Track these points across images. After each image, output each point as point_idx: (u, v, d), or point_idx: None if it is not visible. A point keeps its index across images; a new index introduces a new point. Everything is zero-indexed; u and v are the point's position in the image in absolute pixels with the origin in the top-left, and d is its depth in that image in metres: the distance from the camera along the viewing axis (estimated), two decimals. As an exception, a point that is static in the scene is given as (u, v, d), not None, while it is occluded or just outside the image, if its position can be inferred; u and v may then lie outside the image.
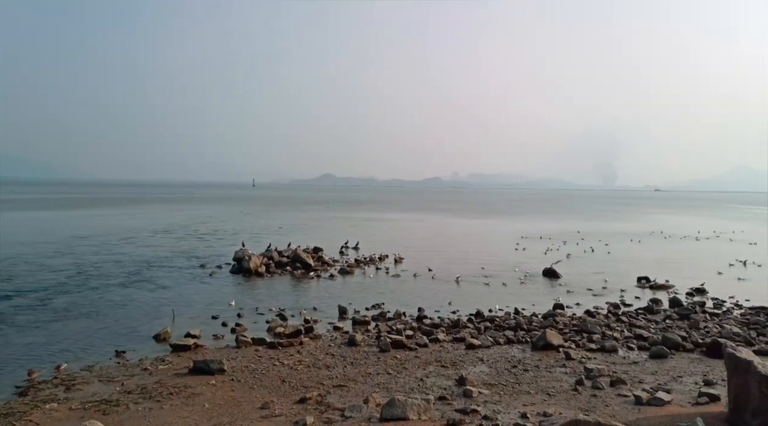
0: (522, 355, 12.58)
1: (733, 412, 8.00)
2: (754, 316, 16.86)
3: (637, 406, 9.13)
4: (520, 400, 9.57)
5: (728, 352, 8.45)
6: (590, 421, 6.99)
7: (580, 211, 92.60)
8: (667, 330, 14.61)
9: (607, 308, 17.83)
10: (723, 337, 13.74)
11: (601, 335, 14.02)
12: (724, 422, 8.00)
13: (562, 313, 16.83)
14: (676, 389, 10.11)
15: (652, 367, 11.65)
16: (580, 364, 11.68)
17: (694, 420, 7.35)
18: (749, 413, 7.66)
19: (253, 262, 24.06)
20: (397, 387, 10.26)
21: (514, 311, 17.11)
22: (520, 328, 14.78)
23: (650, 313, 17.00)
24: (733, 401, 8.02)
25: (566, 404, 9.33)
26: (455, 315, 16.68)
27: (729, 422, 7.95)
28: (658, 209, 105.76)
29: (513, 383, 10.51)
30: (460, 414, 8.72)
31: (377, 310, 17.26)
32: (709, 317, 16.57)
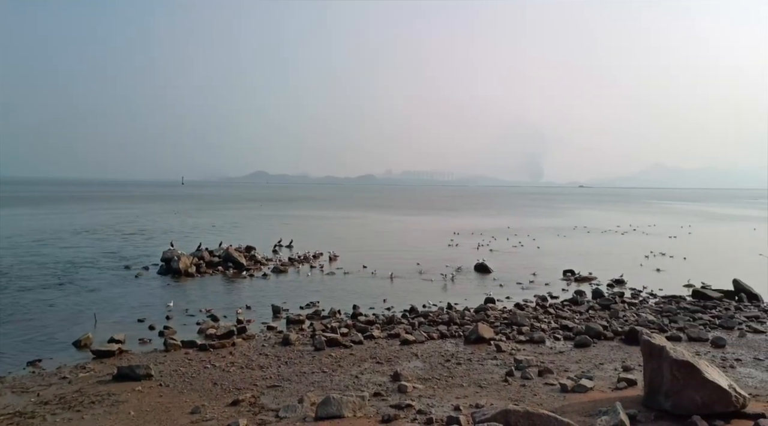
0: (455, 349, 12.85)
1: (648, 395, 8.52)
2: (667, 304, 18.04)
3: (563, 394, 9.54)
4: (454, 393, 9.78)
5: (644, 339, 8.99)
6: (519, 410, 7.23)
7: (509, 207, 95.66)
8: (590, 320, 15.36)
9: (535, 301, 18.51)
10: (639, 325, 14.62)
11: (530, 327, 14.55)
12: (640, 405, 8.50)
13: (494, 306, 17.33)
14: (598, 376, 10.65)
15: (576, 356, 12.21)
16: (510, 356, 12.07)
17: (614, 404, 7.76)
18: (662, 395, 8.17)
19: (183, 262, 23.24)
20: (332, 385, 10.23)
21: (447, 306, 17.45)
22: (453, 323, 15.09)
23: (575, 305, 17.81)
24: (648, 385, 8.54)
25: (497, 395, 9.61)
26: (390, 311, 16.82)
27: (644, 404, 8.46)
28: (581, 205, 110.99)
29: (446, 377, 10.71)
30: (395, 409, 8.80)
31: (312, 308, 17.12)
32: (627, 307, 17.56)
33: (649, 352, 8.65)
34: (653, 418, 7.98)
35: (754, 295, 18.88)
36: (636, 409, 8.27)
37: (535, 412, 7.20)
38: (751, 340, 13.55)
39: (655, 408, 8.23)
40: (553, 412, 7.59)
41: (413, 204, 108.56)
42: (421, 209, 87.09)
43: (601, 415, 7.63)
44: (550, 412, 7.34)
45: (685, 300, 18.76)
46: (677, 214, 76.96)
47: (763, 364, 11.47)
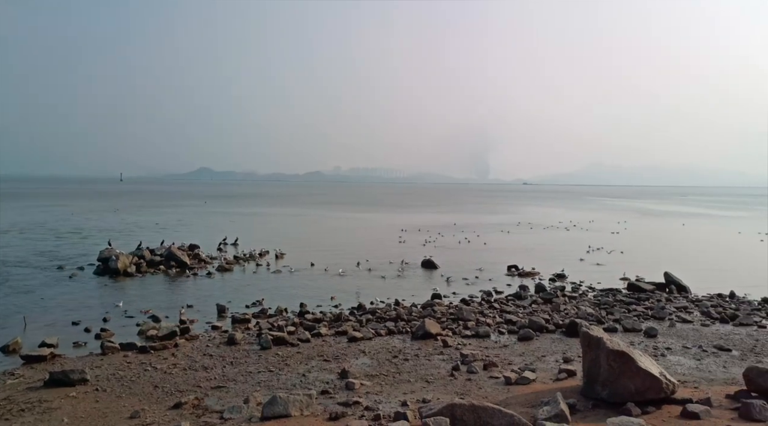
0: (402, 345, 12.94)
1: (586, 385, 8.85)
2: (605, 297, 18.80)
3: (507, 387, 9.78)
4: (401, 388, 9.85)
5: (583, 331, 9.32)
6: (465, 404, 7.35)
7: (456, 204, 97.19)
8: (533, 314, 15.81)
9: (480, 296, 18.88)
10: (579, 317, 15.17)
11: (475, 322, 14.82)
12: (579, 394, 8.82)
13: (440, 302, 17.55)
14: (540, 368, 10.97)
15: (520, 349, 12.54)
16: (456, 351, 12.26)
17: (555, 395, 8.01)
18: (600, 384, 8.51)
19: (121, 261, 22.37)
20: (279, 384, 10.09)
21: (394, 302, 17.54)
22: (400, 319, 15.19)
23: (519, 299, 18.27)
24: (587, 375, 8.87)
25: (444, 390, 9.75)
26: (337, 309, 16.75)
27: (583, 394, 8.78)
28: (525, 202, 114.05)
29: (394, 373, 10.77)
30: (342, 407, 8.77)
31: (258, 307, 16.85)
32: (568, 300, 18.18)
33: (587, 344, 8.97)
34: (591, 407, 8.29)
35: (683, 287, 19.94)
36: (575, 398, 8.57)
37: (480, 405, 7.34)
38: (680, 330, 14.30)
39: (593, 397, 8.56)
40: (498, 405, 7.76)
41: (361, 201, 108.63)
42: (369, 206, 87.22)
43: (543, 406, 7.86)
44: (495, 405, 7.50)
45: (621, 293, 19.61)
46: (615, 211, 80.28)
47: (690, 352, 12.12)
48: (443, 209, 79.90)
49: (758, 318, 15.55)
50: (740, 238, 42.00)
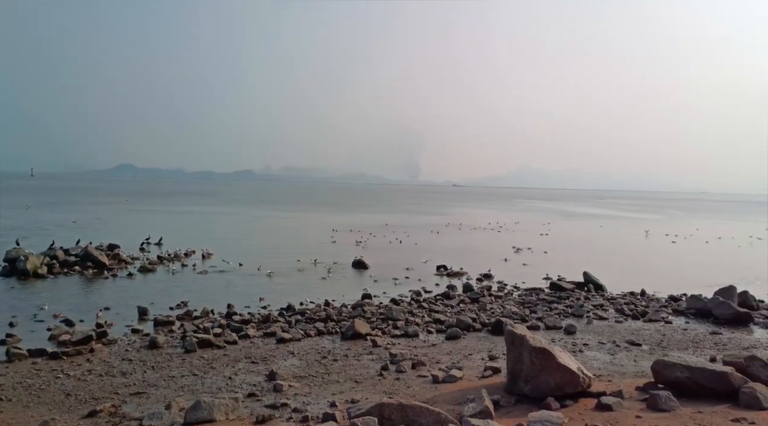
0: (332, 345, 12.88)
1: (510, 381, 9.15)
2: (528, 296, 19.53)
3: (435, 385, 9.94)
4: (330, 389, 9.79)
5: (507, 329, 9.63)
6: (393, 403, 7.41)
7: (388, 205, 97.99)
8: (461, 313, 16.18)
9: (410, 296, 19.11)
10: (504, 316, 15.68)
11: (404, 322, 14.98)
12: (503, 390, 9.10)
13: (370, 302, 17.62)
14: (467, 366, 11.24)
15: (447, 348, 12.79)
16: (385, 351, 12.34)
17: (480, 392, 8.23)
18: (522, 380, 8.82)
19: (31, 262, 20.90)
20: (203, 388, 9.77)
21: (324, 303, 17.43)
22: (330, 320, 15.12)
23: (447, 299, 18.64)
24: (511, 372, 9.18)
25: (373, 389, 9.78)
26: (266, 310, 16.44)
27: (507, 390, 9.07)
28: (455, 203, 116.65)
29: (323, 374, 10.70)
30: (269, 409, 8.62)
31: (182, 309, 16.24)
32: (494, 299, 18.74)
33: (511, 341, 9.28)
34: (514, 402, 8.58)
35: (600, 286, 21.07)
36: (500, 394, 8.84)
37: (408, 403, 7.42)
38: (597, 326, 15.09)
39: (516, 393, 8.86)
40: (425, 403, 7.88)
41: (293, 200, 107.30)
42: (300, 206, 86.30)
43: (469, 403, 8.05)
44: (422, 403, 7.60)
45: (544, 292, 20.43)
46: (540, 212, 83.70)
47: (605, 348, 12.82)
48: (375, 209, 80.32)
49: (665, 314, 16.69)
50: (652, 239, 44.87)
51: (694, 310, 16.89)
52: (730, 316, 15.79)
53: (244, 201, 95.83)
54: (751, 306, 17.36)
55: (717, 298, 16.82)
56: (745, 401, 8.01)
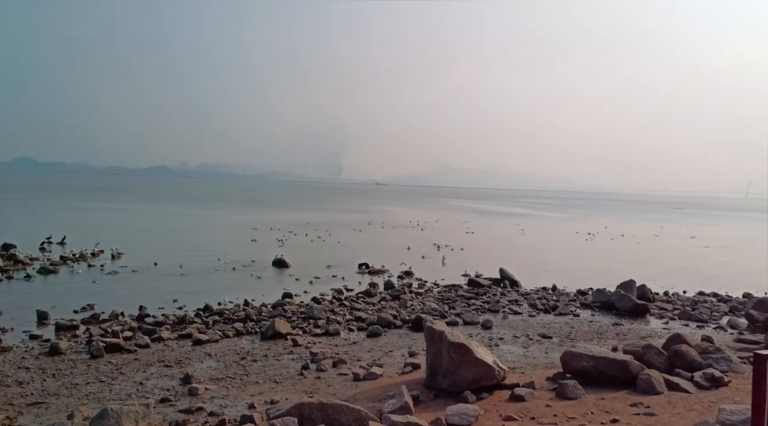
0: (251, 345, 12.58)
1: (429, 377, 9.33)
2: (448, 292, 20.01)
3: (356, 383, 9.96)
4: (249, 391, 9.55)
5: (427, 325, 9.82)
6: (314, 402, 7.33)
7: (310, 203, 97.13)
8: (382, 310, 16.31)
9: (331, 294, 19.04)
10: (424, 313, 15.97)
11: (326, 320, 14.90)
12: (423, 386, 9.27)
13: (291, 301, 17.39)
14: (388, 363, 11.35)
15: (368, 345, 12.85)
16: (306, 350, 12.22)
17: (400, 388, 8.33)
18: (441, 375, 9.02)
19: None
20: (111, 395, 9.23)
21: (243, 303, 17.00)
22: (249, 320, 14.76)
23: (368, 296, 18.73)
24: (430, 367, 9.36)
25: (293, 389, 9.65)
26: (182, 311, 15.81)
27: (426, 385, 9.25)
28: (378, 201, 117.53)
29: (241, 375, 10.42)
30: (184, 414, 8.28)
31: (88, 312, 15.27)
32: (414, 296, 19.06)
33: (431, 337, 9.46)
34: (433, 397, 8.76)
35: (515, 282, 21.97)
36: (419, 390, 8.99)
37: (329, 402, 7.38)
38: (512, 321, 15.72)
39: (435, 388, 9.05)
40: (346, 401, 7.87)
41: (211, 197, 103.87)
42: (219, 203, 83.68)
43: (389, 399, 8.12)
44: (343, 401, 7.59)
45: (462, 288, 21.01)
46: (459, 211, 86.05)
47: (519, 341, 13.38)
48: (296, 207, 79.38)
49: (574, 307, 17.66)
50: (564, 236, 47.33)
51: (599, 304, 18.00)
52: (630, 308, 16.96)
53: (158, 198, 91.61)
54: (648, 298, 18.76)
55: (619, 291, 18.02)
56: (642, 387, 8.63)
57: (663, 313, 17.20)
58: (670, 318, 16.63)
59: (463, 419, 7.39)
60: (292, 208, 76.15)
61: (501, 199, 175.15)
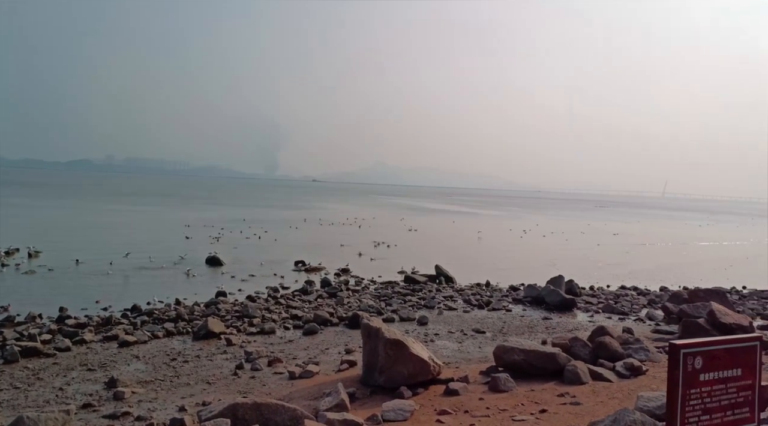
0: (183, 346, 12.17)
1: (365, 373, 9.35)
2: (384, 289, 20.14)
3: (291, 381, 9.83)
4: (179, 393, 9.23)
5: (363, 322, 9.83)
6: (248, 402, 7.18)
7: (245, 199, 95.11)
8: (318, 308, 16.20)
9: (267, 292, 18.72)
10: (361, 310, 15.98)
11: (261, 318, 14.64)
12: (359, 383, 9.28)
13: (225, 300, 16.97)
14: (324, 360, 11.28)
15: (305, 343, 12.72)
16: (240, 349, 11.95)
17: (336, 385, 8.30)
18: (377, 372, 9.06)
19: None
20: (27, 402, 8.66)
21: (175, 302, 16.42)
22: (181, 319, 14.27)
23: (305, 294, 18.56)
24: (366, 364, 9.38)
25: (226, 390, 9.41)
26: (107, 311, 15.07)
27: (362, 382, 9.26)
28: (314, 198, 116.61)
29: (171, 377, 10.05)
30: (108, 420, 7.90)
31: (2, 314, 14.28)
32: (351, 294, 19.04)
33: (367, 334, 9.48)
34: (369, 394, 8.79)
35: (450, 278, 22.40)
36: (355, 387, 8.99)
37: (263, 402, 7.24)
38: (447, 317, 16.01)
39: (372, 384, 9.08)
40: (281, 400, 7.75)
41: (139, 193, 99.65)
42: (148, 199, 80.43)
43: (325, 397, 8.07)
44: (278, 401, 7.47)
45: (399, 285, 21.21)
46: (396, 208, 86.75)
47: (454, 336, 13.64)
48: (231, 204, 77.52)
49: (506, 303, 18.20)
50: (499, 233, 48.69)
51: (530, 298, 18.65)
52: (558, 303, 17.67)
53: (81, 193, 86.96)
54: (575, 293, 19.62)
55: (549, 286, 18.74)
56: (568, 377, 9.01)
57: (589, 306, 18.04)
58: (595, 311, 17.46)
59: (399, 414, 7.45)
60: (226, 205, 74.29)
61: (436, 197, 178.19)
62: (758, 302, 19.53)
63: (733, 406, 4.00)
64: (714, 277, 26.53)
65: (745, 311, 16.93)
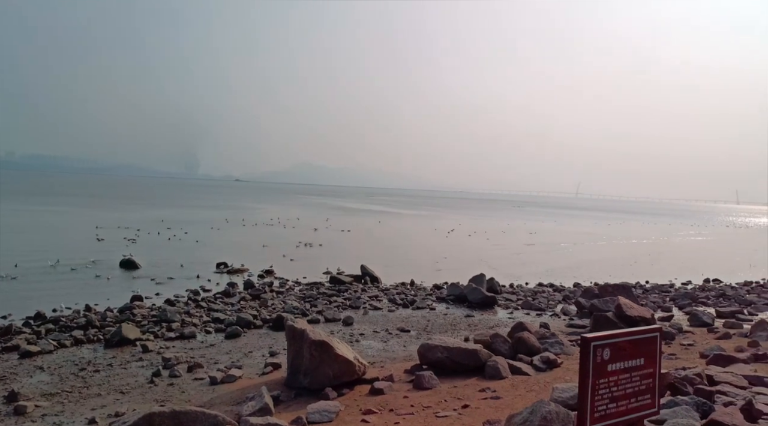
0: (93, 355, 11.48)
1: (290, 376, 9.23)
2: (309, 290, 19.95)
3: (212, 387, 9.52)
4: (89, 404, 8.69)
5: (288, 324, 9.70)
6: (165, 411, 6.87)
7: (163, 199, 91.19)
8: (242, 310, 15.80)
9: (187, 295, 18.04)
10: (286, 311, 15.75)
11: (180, 323, 14.08)
12: (283, 385, 9.14)
13: (141, 304, 16.17)
14: (247, 364, 11.01)
15: (227, 347, 12.37)
16: (158, 355, 11.43)
17: (260, 389, 8.13)
18: (302, 374, 8.97)
19: None
20: None
21: (85, 308, 15.46)
22: (91, 326, 13.45)
23: (227, 297, 18.04)
24: (291, 366, 9.26)
25: (141, 399, 8.97)
26: (6, 320, 13.95)
27: (287, 385, 9.13)
28: (237, 198, 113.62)
29: (80, 387, 9.45)
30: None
31: None
32: (276, 295, 18.72)
33: (292, 336, 9.36)
34: (294, 396, 8.68)
35: (375, 278, 22.54)
36: (280, 390, 8.85)
37: (182, 409, 6.96)
38: (372, 317, 16.10)
39: (296, 386, 8.98)
40: (202, 407, 7.50)
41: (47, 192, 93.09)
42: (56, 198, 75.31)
43: (248, 401, 7.89)
44: (198, 407, 7.21)
45: (324, 286, 21.08)
46: (321, 208, 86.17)
47: (379, 336, 13.74)
48: (149, 204, 74.05)
49: (430, 301, 18.55)
50: (422, 232, 49.51)
51: (453, 297, 19.11)
52: (480, 300, 18.23)
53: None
54: (496, 290, 20.32)
55: (471, 284, 19.29)
56: (489, 373, 9.32)
57: (509, 303, 18.73)
58: (515, 308, 18.16)
59: (324, 416, 7.41)
60: (142, 205, 70.89)
61: (360, 197, 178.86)
62: (659, 296, 21.07)
63: (637, 393, 4.28)
64: (622, 272, 28.35)
65: (648, 304, 18.21)
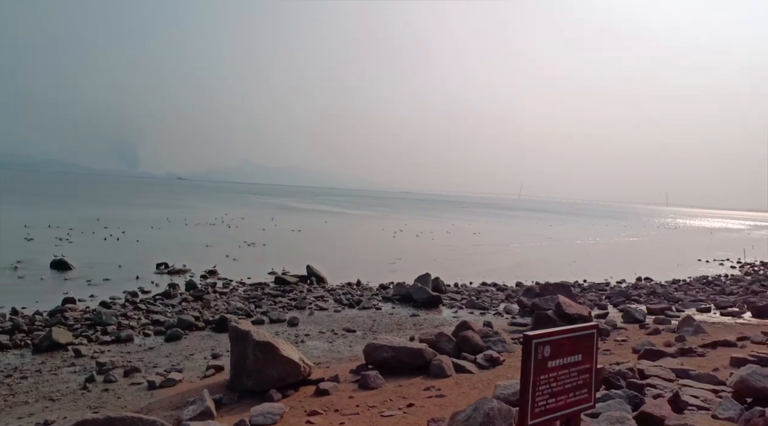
0: (20, 361, 10.85)
1: (233, 378, 9.02)
2: (254, 291, 19.60)
3: (151, 391, 9.19)
4: (15, 413, 8.22)
5: (231, 325, 9.49)
6: (99, 418, 6.56)
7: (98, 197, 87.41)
8: (183, 312, 15.33)
9: (124, 297, 17.33)
10: (229, 312, 15.41)
11: (116, 326, 13.51)
12: (226, 388, 8.93)
13: (74, 307, 15.41)
14: (188, 367, 10.69)
15: (167, 350, 11.97)
16: (91, 360, 10.94)
17: (201, 392, 7.91)
18: (246, 376, 8.78)
19: None
20: None
21: (11, 312, 14.59)
22: (18, 331, 12.70)
23: (168, 298, 17.45)
24: (234, 368, 9.06)
25: (73, 406, 8.55)
26: (-77, 325, 13.00)
27: (230, 387, 8.92)
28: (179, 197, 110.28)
29: (6, 396, 8.92)
30: (-77, 451, 6.81)
31: None
32: (219, 296, 18.29)
33: (235, 338, 9.16)
34: (237, 399, 8.49)
35: (321, 278, 22.40)
36: (222, 393, 8.64)
37: (118, 416, 6.67)
38: (317, 317, 15.98)
39: (240, 389, 8.78)
40: (139, 412, 7.22)
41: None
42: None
43: (189, 406, 7.65)
44: (135, 413, 6.92)
45: (269, 286, 20.76)
46: (264, 207, 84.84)
47: (324, 336, 13.65)
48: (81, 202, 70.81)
49: (376, 301, 18.61)
50: (371, 233, 49.56)
51: (399, 296, 19.24)
52: (425, 300, 18.42)
53: None
54: (441, 290, 20.59)
55: (416, 284, 19.47)
56: (434, 372, 9.43)
57: (453, 302, 19.03)
58: (459, 307, 18.46)
59: (268, 418, 7.28)
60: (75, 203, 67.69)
61: (305, 196, 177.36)
62: (596, 294, 21.96)
63: (575, 388, 4.42)
64: (562, 272, 29.32)
65: (586, 302, 18.93)
